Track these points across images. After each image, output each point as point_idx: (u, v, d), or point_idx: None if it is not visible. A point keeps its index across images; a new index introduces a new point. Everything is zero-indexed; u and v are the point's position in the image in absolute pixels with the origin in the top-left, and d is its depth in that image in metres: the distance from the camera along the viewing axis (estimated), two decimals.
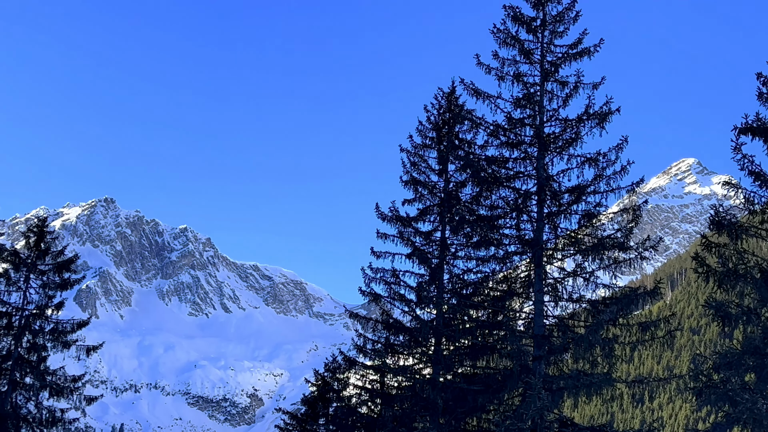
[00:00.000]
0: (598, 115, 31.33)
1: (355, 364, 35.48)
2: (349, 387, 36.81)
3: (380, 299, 33.90)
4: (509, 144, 32.30)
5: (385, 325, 34.10)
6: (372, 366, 34.63)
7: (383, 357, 34.01)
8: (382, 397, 34.19)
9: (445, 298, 33.68)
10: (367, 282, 33.86)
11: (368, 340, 34.29)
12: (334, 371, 37.34)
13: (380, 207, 34.45)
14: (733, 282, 25.94)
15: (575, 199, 31.38)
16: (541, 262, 31.35)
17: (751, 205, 26.79)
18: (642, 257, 30.54)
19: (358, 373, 35.43)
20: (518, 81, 31.99)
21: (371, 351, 34.30)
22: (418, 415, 32.91)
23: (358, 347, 34.44)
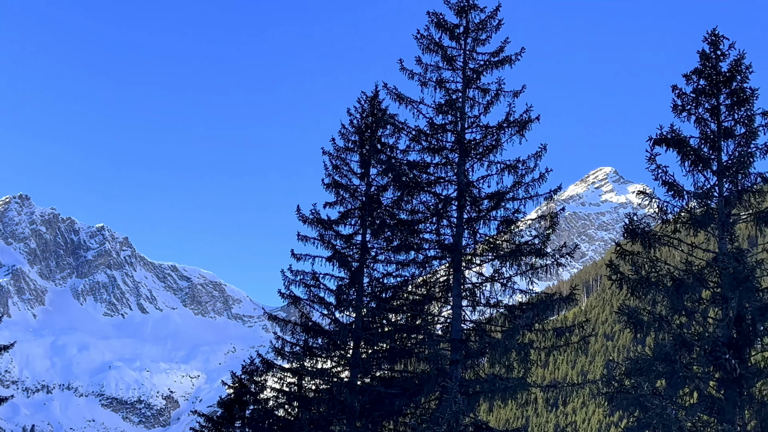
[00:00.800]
0: (518, 122, 31.69)
1: (272, 366, 35.29)
2: (266, 390, 36.59)
3: (300, 302, 33.77)
4: (431, 149, 32.47)
5: (304, 327, 33.99)
6: (290, 369, 34.46)
7: (301, 360, 33.88)
8: (299, 400, 34.06)
9: (364, 301, 33.67)
10: (287, 284, 33.74)
11: (287, 343, 34.13)
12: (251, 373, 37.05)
13: (301, 209, 34.31)
14: (646, 290, 26.42)
15: (494, 205, 31.66)
16: (460, 267, 31.59)
17: (664, 214, 27.37)
18: (558, 263, 31.01)
19: (276, 376, 35.24)
20: (441, 87, 32.21)
21: (289, 353, 34.13)
22: (335, 418, 32.84)
23: (277, 350, 34.24)
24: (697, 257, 27.26)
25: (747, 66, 27.71)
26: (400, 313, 32.82)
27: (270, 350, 34.71)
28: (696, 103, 27.90)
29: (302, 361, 33.75)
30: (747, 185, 27.14)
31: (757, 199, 27.24)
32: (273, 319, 34.21)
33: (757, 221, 27.02)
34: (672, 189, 27.31)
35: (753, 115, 27.41)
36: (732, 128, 27.54)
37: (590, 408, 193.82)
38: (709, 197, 27.19)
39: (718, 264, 25.94)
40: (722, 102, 27.85)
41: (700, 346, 25.22)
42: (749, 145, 27.10)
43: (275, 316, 34.23)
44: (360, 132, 35.31)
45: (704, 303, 26.69)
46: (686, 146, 27.22)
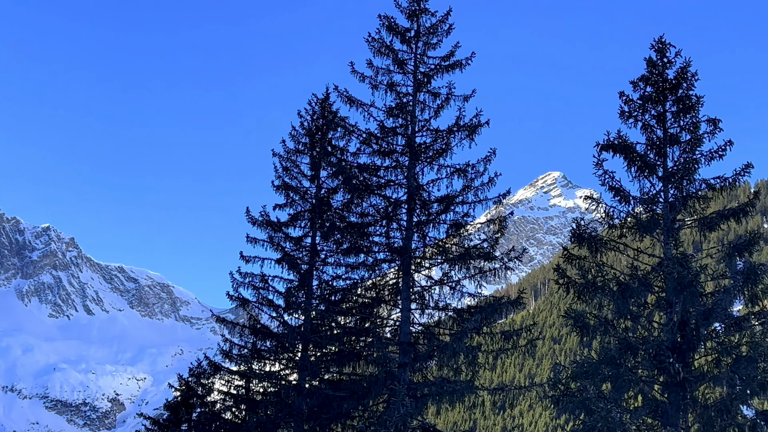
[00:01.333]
0: (468, 127, 31.86)
1: (220, 369, 35.04)
2: (213, 392, 36.28)
3: (248, 304, 33.62)
4: (381, 152, 32.53)
5: (252, 330, 33.83)
6: (237, 371, 34.27)
7: (249, 362, 33.71)
8: (246, 403, 33.85)
9: (313, 304, 33.61)
10: (235, 286, 33.56)
11: (234, 345, 33.92)
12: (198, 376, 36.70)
13: (251, 211, 34.19)
14: (592, 294, 26.58)
15: (444, 208, 31.82)
16: (409, 270, 31.66)
17: (611, 219, 27.54)
18: (507, 267, 31.24)
19: (224, 379, 34.97)
20: (391, 90, 32.30)
21: (237, 356, 33.95)
22: (282, 421, 32.70)
23: (224, 352, 34.00)
24: (643, 262, 27.51)
25: (693, 73, 27.98)
26: (349, 315, 32.78)
27: (218, 353, 34.49)
28: (643, 110, 28.05)
29: (250, 364, 33.59)
30: (692, 191, 27.42)
31: (702, 205, 27.52)
32: (221, 321, 33.99)
33: (701, 227, 27.33)
34: (618, 194, 27.50)
35: (698, 122, 27.66)
36: (678, 135, 27.75)
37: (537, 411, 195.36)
38: (655, 203, 27.42)
39: (663, 269, 26.22)
40: (668, 109, 28.03)
41: (645, 349, 25.46)
42: (694, 151, 27.38)
43: (223, 319, 34.02)
44: (310, 134, 35.26)
45: (649, 307, 26.96)
46: (633, 152, 27.43)
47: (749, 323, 25.85)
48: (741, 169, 26.91)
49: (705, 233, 27.45)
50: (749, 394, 24.96)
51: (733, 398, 24.87)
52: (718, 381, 25.26)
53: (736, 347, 25.38)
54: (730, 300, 25.84)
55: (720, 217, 27.20)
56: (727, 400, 24.89)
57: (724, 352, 25.47)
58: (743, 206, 27.07)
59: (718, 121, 27.53)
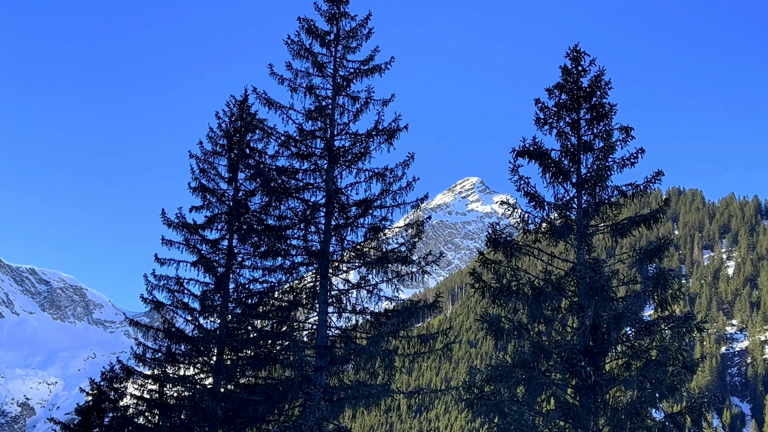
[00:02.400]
0: (386, 131, 32.01)
1: (133, 373, 34.46)
2: (126, 397, 35.65)
3: (163, 307, 33.19)
4: (300, 155, 32.45)
5: (167, 333, 33.37)
6: (151, 375, 33.77)
7: (163, 366, 33.25)
8: (160, 408, 33.35)
9: (229, 307, 33.34)
10: (150, 289, 33.12)
11: (148, 349, 33.43)
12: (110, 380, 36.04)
13: (166, 213, 33.85)
14: (507, 298, 26.83)
15: (362, 212, 31.88)
16: (327, 274, 31.63)
17: (526, 224, 27.89)
18: (424, 271, 31.46)
19: (137, 383, 34.42)
20: (311, 93, 32.28)
21: (151, 360, 33.46)
22: (196, 425, 32.30)
23: (138, 356, 33.48)
24: (557, 267, 27.89)
25: (606, 82, 28.44)
26: (266, 319, 32.61)
27: (131, 356, 33.91)
28: (557, 117, 28.42)
29: (164, 368, 33.12)
30: (604, 198, 27.87)
31: (614, 211, 27.96)
32: (135, 324, 33.53)
33: (613, 232, 27.75)
34: (534, 200, 27.84)
35: (611, 129, 28.11)
36: (591, 142, 28.19)
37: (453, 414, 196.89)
38: (569, 209, 27.77)
39: (576, 273, 26.57)
40: (582, 116, 28.50)
41: (558, 353, 25.80)
42: (607, 158, 27.80)
43: (137, 322, 33.55)
44: (228, 136, 35.02)
45: (563, 311, 27.33)
46: (548, 158, 27.77)
47: (659, 327, 26.33)
48: (652, 177, 27.46)
49: (617, 239, 27.93)
50: (658, 397, 25.41)
51: (643, 401, 25.32)
52: (628, 384, 25.67)
53: (646, 351, 25.88)
54: (640, 304, 26.30)
55: (631, 223, 27.67)
56: (636, 403, 25.32)
57: (634, 355, 25.94)
58: (654, 213, 27.57)
59: (630, 129, 28.04)
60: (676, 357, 25.52)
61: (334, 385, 31.09)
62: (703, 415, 25.54)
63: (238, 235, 33.66)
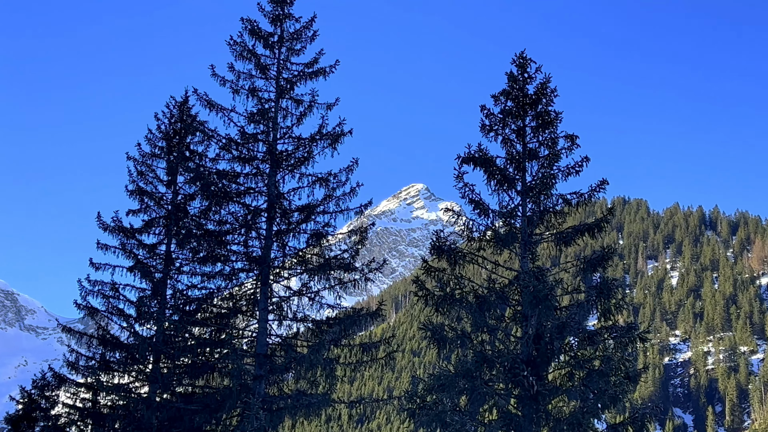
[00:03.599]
0: (330, 135, 32.11)
1: (65, 381, 33.94)
2: (58, 405, 35.09)
3: (97, 314, 32.81)
4: (241, 159, 32.37)
5: (101, 340, 32.95)
6: (84, 384, 33.30)
7: (97, 374, 32.79)
8: (93, 417, 32.88)
9: (167, 314, 33.04)
10: (84, 295, 32.75)
11: (82, 357, 32.95)
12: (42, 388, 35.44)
13: (102, 216, 33.48)
14: (450, 306, 26.83)
15: (305, 218, 31.91)
16: (268, 281, 31.56)
17: (471, 232, 27.87)
18: (367, 278, 31.64)
19: (69, 391, 33.91)
20: (253, 95, 32.22)
21: (84, 368, 32.98)
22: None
23: (70, 363, 33.00)
24: (501, 275, 27.89)
25: (552, 89, 28.63)
26: (204, 326, 32.43)
27: (64, 364, 33.44)
28: (503, 124, 28.51)
29: (98, 376, 32.69)
30: (549, 206, 27.99)
31: (558, 220, 28.16)
32: (68, 331, 33.08)
33: (557, 241, 27.92)
34: (478, 207, 27.87)
35: (557, 137, 28.28)
36: (536, 150, 28.32)
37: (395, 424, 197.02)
38: (513, 216, 27.87)
39: (520, 282, 26.61)
40: (528, 124, 28.64)
41: (501, 363, 25.85)
42: (552, 166, 27.99)
43: (70, 328, 33.10)
44: (168, 138, 34.81)
45: (506, 321, 27.37)
46: (493, 166, 27.88)
47: (602, 337, 26.52)
48: (597, 185, 27.70)
49: (561, 247, 28.12)
50: (601, 407, 25.54)
51: (585, 411, 25.46)
52: (571, 394, 25.80)
53: (589, 361, 26.04)
54: (584, 314, 26.55)
55: (576, 231, 27.91)
56: (579, 413, 25.45)
57: (577, 365, 26.08)
58: (598, 222, 27.89)
59: (575, 137, 28.22)
60: (619, 367, 25.70)
61: (274, 394, 30.98)
62: (645, 426, 25.76)
63: (176, 240, 33.40)
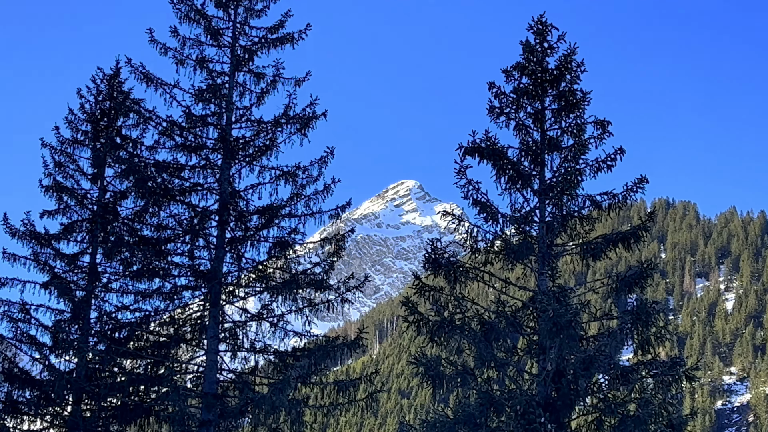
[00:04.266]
0: (299, 118, 32.08)
1: None
2: None
3: (3, 341, 32.71)
4: (187, 147, 32.38)
5: (7, 375, 32.83)
6: None
7: (2, 418, 32.73)
8: None
9: (90, 342, 32.98)
10: None
11: None
12: None
13: (9, 219, 33.37)
14: (449, 335, 26.64)
15: (266, 222, 31.89)
16: (219, 301, 31.52)
17: (475, 242, 27.68)
18: (344, 299, 31.70)
19: None
20: (202, 67, 32.27)
21: None
22: None
23: None
24: (513, 296, 27.78)
25: (578, 63, 28.41)
26: (138, 358, 32.37)
27: None
28: (517, 106, 28.33)
29: (3, 420, 32.60)
30: (574, 209, 27.83)
31: (585, 227, 27.99)
32: None
33: (584, 254, 27.76)
34: (485, 210, 27.64)
35: (583, 123, 28.15)
36: (558, 138, 28.18)
37: None
38: (529, 222, 27.69)
39: (537, 305, 26.45)
40: (548, 106, 28.52)
41: (512, 406, 25.67)
42: (578, 160, 27.81)
43: None
44: (94, 120, 34.83)
45: (519, 353, 27.28)
46: (503, 158, 27.65)
47: (639, 375, 26.39)
48: (633, 184, 27.55)
49: (589, 262, 28.04)
50: None
51: None
52: None
53: (623, 405, 25.91)
54: (616, 346, 26.35)
55: (607, 242, 27.75)
56: None
57: (607, 410, 25.95)
58: (635, 230, 27.69)
59: (607, 123, 28.11)
60: (660, 413, 25.62)
61: None
62: None
63: (103, 249, 33.35)
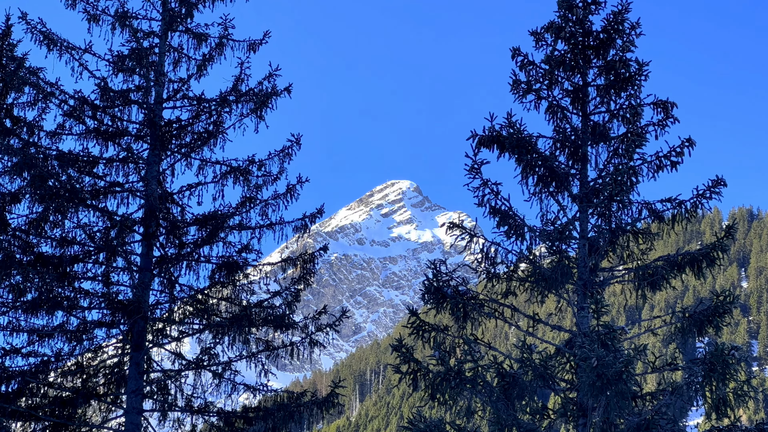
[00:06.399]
0: (254, 95, 32.19)
1: None
2: None
3: None
4: (102, 133, 32.37)
5: None
6: None
7: None
8: None
9: None
10: None
11: None
12: None
13: None
14: (456, 390, 26.34)
15: (208, 236, 31.92)
16: (144, 343, 31.48)
17: (492, 265, 27.74)
18: (313, 342, 31.86)
19: None
20: (123, 25, 32.34)
21: None
22: None
23: None
24: (543, 339, 27.93)
25: (633, 24, 28.35)
26: (33, 421, 32.14)
27: None
28: (550, 80, 28.47)
29: None
30: (626, 221, 27.84)
31: (641, 245, 28.05)
32: None
33: (639, 282, 27.73)
34: (506, 222, 27.48)
35: (640, 105, 28.10)
36: (606, 125, 28.35)
37: None
38: (566, 239, 27.57)
39: (575, 351, 26.55)
40: (591, 81, 28.64)
41: None
42: (632, 154, 27.78)
43: None
44: None
45: (550, 416, 27.22)
46: (532, 151, 27.50)
47: None
48: (706, 188, 27.51)
49: (645, 292, 27.99)
50: None
51: None
52: None
53: None
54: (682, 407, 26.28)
55: (670, 265, 27.67)
56: None
57: None
58: (708, 249, 27.53)
59: (671, 105, 28.17)
60: None
61: None
62: None
63: None
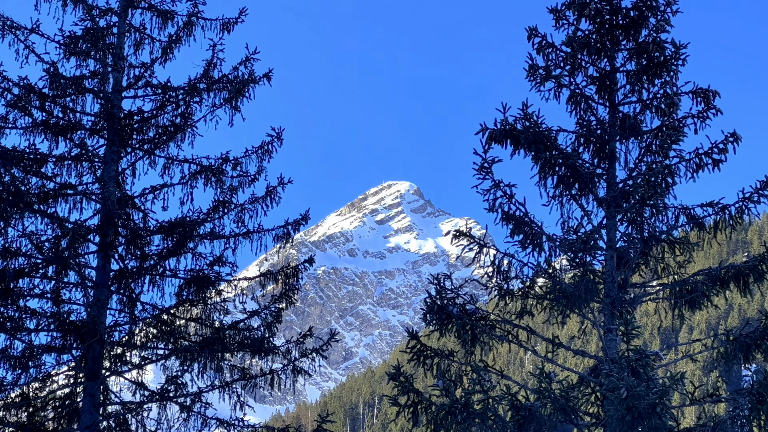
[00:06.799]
0: (228, 82, 32.17)
1: None
2: None
3: None
4: (51, 127, 32.03)
5: None
6: None
7: None
8: None
9: None
10: None
11: None
12: None
13: None
14: (464, 425, 26.18)
15: (175, 246, 31.60)
16: (100, 370, 30.93)
17: (505, 279, 27.71)
18: (297, 370, 31.72)
19: None
20: (77, 1, 32.15)
21: None
22: None
23: None
24: (563, 365, 28.38)
25: (667, 1, 28.24)
26: None
27: None
28: (572, 65, 28.40)
29: None
30: (660, 229, 27.62)
31: (678, 257, 27.92)
32: None
33: (676, 299, 27.75)
34: (521, 230, 27.44)
35: (676, 94, 27.98)
36: (637, 118, 28.23)
37: None
38: (591, 249, 27.55)
39: (601, 380, 26.50)
40: (621, 66, 28.61)
41: None
42: (668, 151, 27.53)
43: None
44: None
45: None
46: (551, 147, 27.42)
47: None
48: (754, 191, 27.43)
49: (683, 311, 27.97)
50: None
51: None
52: None
53: None
54: None
55: (712, 280, 27.66)
56: None
57: None
58: (756, 262, 27.48)
59: (713, 94, 28.14)
60: None
61: None
62: None
63: None
